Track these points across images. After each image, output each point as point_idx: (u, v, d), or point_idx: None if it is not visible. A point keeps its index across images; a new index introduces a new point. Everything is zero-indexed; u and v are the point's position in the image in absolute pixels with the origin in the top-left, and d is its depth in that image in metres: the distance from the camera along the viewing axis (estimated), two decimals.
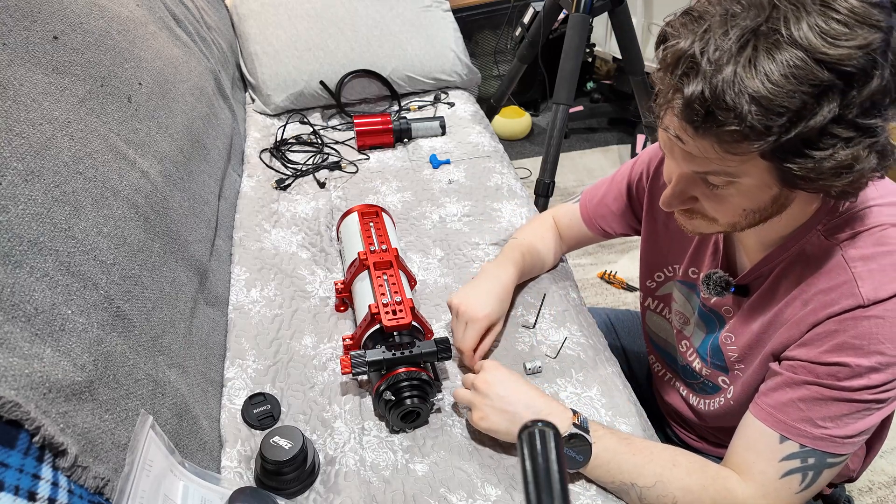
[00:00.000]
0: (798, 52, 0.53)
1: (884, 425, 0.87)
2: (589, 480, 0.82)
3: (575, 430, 0.77)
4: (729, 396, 0.86)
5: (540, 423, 0.41)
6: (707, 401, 0.92)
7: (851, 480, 0.94)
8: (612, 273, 2.11)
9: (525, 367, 0.96)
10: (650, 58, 2.26)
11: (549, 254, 1.11)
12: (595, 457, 0.78)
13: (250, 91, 1.75)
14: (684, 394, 0.98)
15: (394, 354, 0.86)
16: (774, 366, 0.74)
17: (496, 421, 0.81)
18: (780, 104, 0.53)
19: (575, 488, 0.81)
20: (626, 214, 1.01)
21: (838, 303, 0.66)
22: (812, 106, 0.53)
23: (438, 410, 0.92)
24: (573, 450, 0.78)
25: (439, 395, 0.93)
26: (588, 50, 2.95)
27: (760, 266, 0.76)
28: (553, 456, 0.40)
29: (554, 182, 1.88)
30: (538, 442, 0.40)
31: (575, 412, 0.80)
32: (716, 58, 0.55)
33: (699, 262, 0.88)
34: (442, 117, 1.59)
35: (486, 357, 0.98)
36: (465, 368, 0.97)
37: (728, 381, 0.86)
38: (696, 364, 0.92)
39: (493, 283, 0.98)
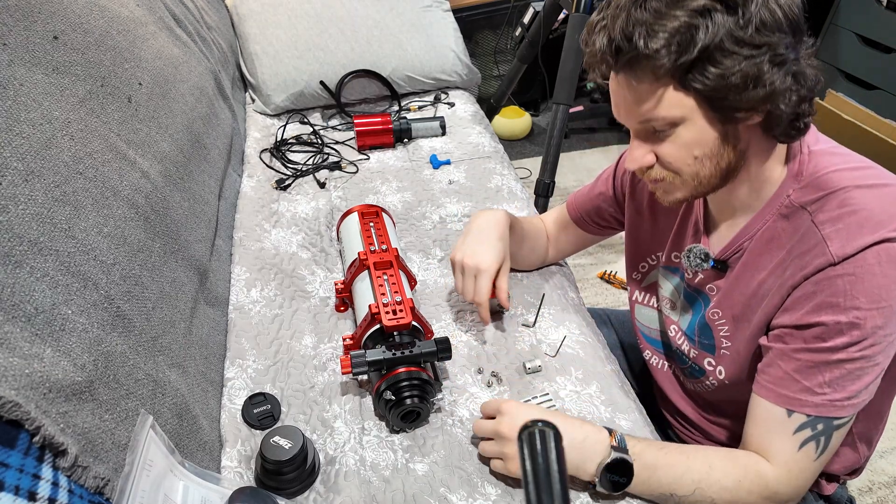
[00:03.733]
0: None
1: (881, 414, 0.89)
2: None
3: (617, 455, 0.75)
4: (721, 377, 0.87)
5: (540, 423, 0.41)
6: (699, 385, 0.93)
7: (857, 472, 0.94)
8: (612, 273, 2.11)
9: (525, 367, 0.97)
10: None
11: (541, 235, 1.12)
12: (636, 475, 0.77)
13: (250, 91, 1.75)
14: (681, 380, 1.00)
15: (394, 354, 0.86)
16: (764, 341, 0.77)
17: None
18: (667, 27, 0.63)
19: (575, 487, 0.81)
20: (611, 208, 1.04)
21: (811, 263, 0.70)
22: (699, 26, 0.63)
23: (438, 410, 0.92)
24: (615, 474, 0.76)
25: (439, 395, 0.93)
26: None
27: (738, 240, 0.80)
28: (553, 456, 0.40)
29: (554, 182, 1.88)
30: (538, 442, 0.40)
31: (611, 431, 0.78)
32: (613, 13, 0.67)
33: (681, 246, 0.91)
34: (442, 117, 1.59)
35: (495, 314, 0.94)
36: (473, 322, 0.95)
37: (714, 363, 0.88)
38: (685, 346, 0.94)
39: (489, 227, 0.96)
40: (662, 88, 0.67)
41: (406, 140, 1.57)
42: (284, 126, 1.62)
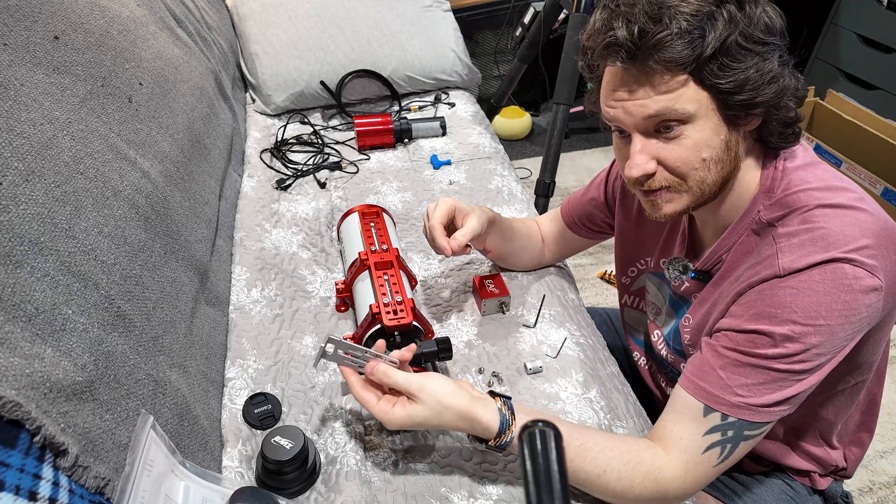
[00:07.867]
0: None
1: (871, 413, 0.89)
2: None
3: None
4: None
5: (540, 423, 0.41)
6: None
7: (846, 477, 0.95)
8: (612, 273, 2.11)
9: (526, 367, 0.97)
10: None
11: (534, 235, 1.12)
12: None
13: (251, 91, 1.75)
14: (663, 384, 1.01)
15: None
16: (704, 338, 0.78)
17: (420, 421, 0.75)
18: (690, 9, 0.64)
19: (575, 490, 0.81)
20: (602, 213, 1.05)
21: (759, 274, 0.71)
22: (717, 15, 0.64)
23: None
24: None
25: None
26: None
27: (716, 251, 0.81)
28: (553, 456, 0.40)
29: (554, 182, 1.88)
30: (538, 442, 0.40)
31: (502, 432, 0.73)
32: (628, 1, 0.66)
33: (669, 253, 0.91)
34: (442, 118, 1.59)
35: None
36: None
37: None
38: (664, 352, 0.95)
39: None
40: (681, 79, 0.66)
41: (406, 140, 1.57)
42: (285, 126, 1.62)
